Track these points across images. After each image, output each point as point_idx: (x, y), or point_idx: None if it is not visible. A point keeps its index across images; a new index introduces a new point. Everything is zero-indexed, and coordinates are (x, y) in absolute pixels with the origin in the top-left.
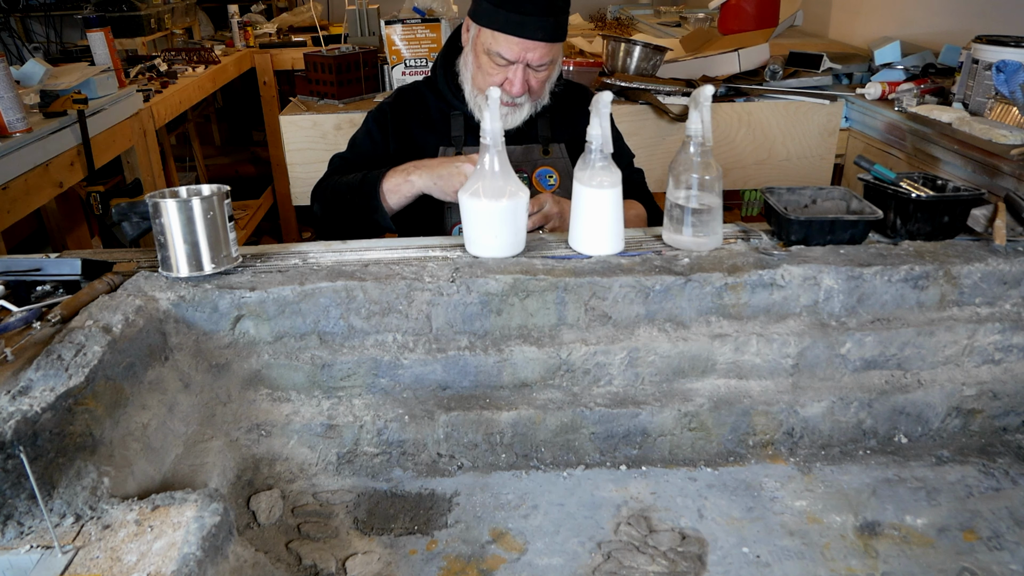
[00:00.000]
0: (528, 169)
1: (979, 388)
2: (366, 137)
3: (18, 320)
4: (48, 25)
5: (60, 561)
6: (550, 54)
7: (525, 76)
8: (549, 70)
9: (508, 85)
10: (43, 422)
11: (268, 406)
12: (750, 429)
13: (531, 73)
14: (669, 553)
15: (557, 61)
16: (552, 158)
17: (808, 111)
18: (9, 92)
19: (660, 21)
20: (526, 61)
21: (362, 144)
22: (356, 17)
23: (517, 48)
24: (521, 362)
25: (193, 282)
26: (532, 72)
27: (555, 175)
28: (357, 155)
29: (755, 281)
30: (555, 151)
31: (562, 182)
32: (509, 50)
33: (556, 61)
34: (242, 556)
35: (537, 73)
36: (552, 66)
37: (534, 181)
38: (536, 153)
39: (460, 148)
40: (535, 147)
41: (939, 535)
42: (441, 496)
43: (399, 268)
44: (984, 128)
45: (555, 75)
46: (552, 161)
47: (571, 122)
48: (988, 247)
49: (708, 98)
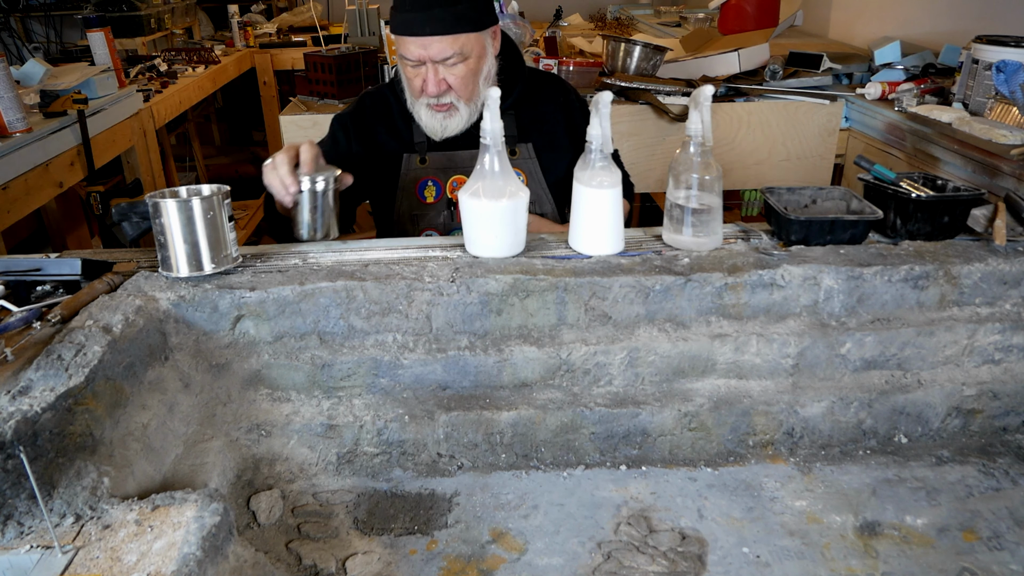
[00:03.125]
0: None
1: (979, 388)
2: (331, 144)
3: (18, 320)
4: (48, 25)
5: (60, 561)
6: (452, 47)
7: (438, 75)
8: (466, 65)
9: (425, 87)
10: (43, 422)
11: (268, 406)
12: (750, 429)
13: (444, 70)
14: (669, 553)
15: (475, 55)
16: (519, 159)
17: (808, 111)
18: (9, 92)
19: (660, 21)
20: (430, 58)
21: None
22: (356, 17)
23: (413, 47)
24: (521, 362)
25: (193, 282)
26: (444, 69)
27: (522, 176)
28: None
29: (755, 281)
30: (522, 151)
31: (529, 183)
32: (408, 51)
33: (471, 54)
34: (242, 556)
35: (450, 69)
36: (466, 60)
37: None
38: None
39: (424, 154)
40: None
41: (939, 535)
42: (441, 496)
43: (399, 268)
44: (984, 128)
45: (485, 70)
46: (519, 162)
47: (540, 119)
48: (988, 247)
49: (708, 98)
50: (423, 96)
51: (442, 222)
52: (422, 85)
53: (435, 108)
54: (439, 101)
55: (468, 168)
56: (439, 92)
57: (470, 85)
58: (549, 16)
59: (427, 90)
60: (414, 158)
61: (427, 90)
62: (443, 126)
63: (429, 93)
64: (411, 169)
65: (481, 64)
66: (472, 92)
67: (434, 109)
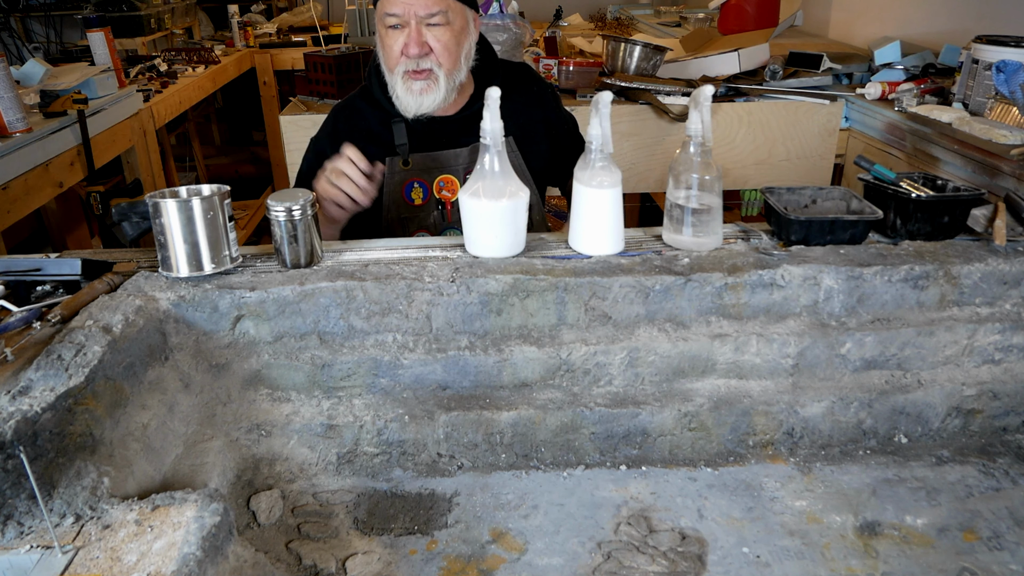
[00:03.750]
0: None
1: (979, 388)
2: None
3: (18, 320)
4: (48, 25)
5: (60, 561)
6: (437, 4)
7: (421, 35)
8: (449, 30)
9: (407, 49)
10: (43, 422)
11: (268, 406)
12: (750, 429)
13: (426, 32)
14: (669, 553)
15: (459, 25)
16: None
17: (808, 111)
18: (9, 92)
19: (660, 21)
20: (415, 16)
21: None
22: (356, 17)
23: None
24: (521, 362)
25: (193, 282)
26: (427, 30)
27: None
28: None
29: (755, 281)
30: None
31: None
32: (394, 5)
33: (455, 22)
34: (242, 556)
35: (433, 31)
36: (450, 25)
37: None
38: None
39: (406, 156)
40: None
41: (939, 535)
42: (441, 496)
43: (399, 268)
44: (984, 128)
45: (466, 47)
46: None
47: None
48: (988, 247)
49: (708, 98)
50: (401, 62)
51: (433, 222)
52: (403, 48)
53: (413, 76)
54: (418, 66)
55: (453, 167)
56: (420, 53)
57: (452, 54)
58: (549, 16)
59: (408, 51)
60: (397, 161)
61: (408, 51)
62: (418, 102)
63: (409, 54)
64: (395, 172)
65: (463, 39)
66: (452, 64)
67: (412, 78)
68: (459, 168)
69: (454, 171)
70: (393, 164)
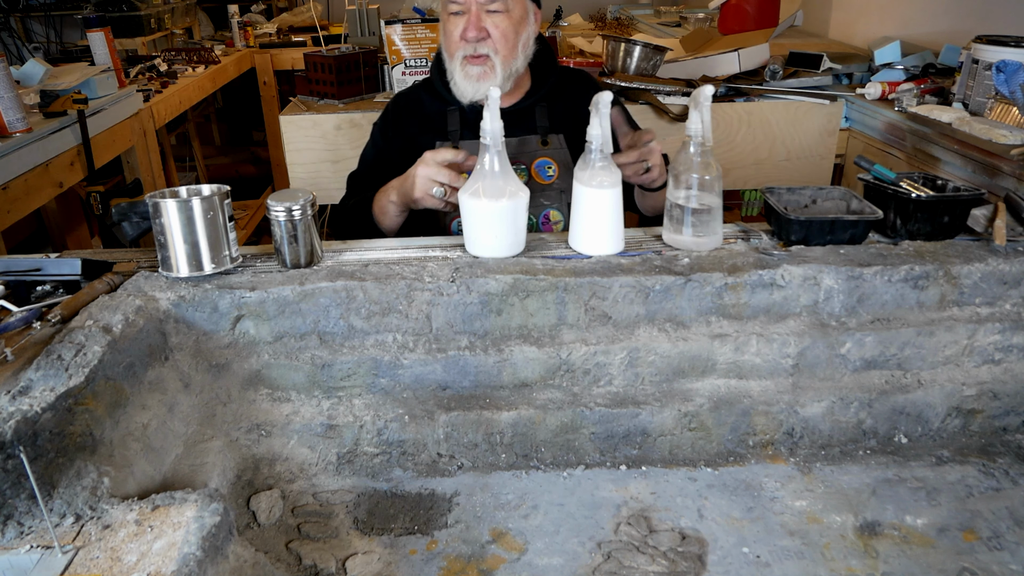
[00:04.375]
0: (526, 161)
1: (979, 388)
2: (372, 148)
3: (18, 320)
4: (48, 25)
5: (60, 561)
6: None
7: (480, 20)
8: (508, 17)
9: (465, 33)
10: (43, 422)
11: (268, 406)
12: (750, 429)
13: (486, 18)
14: (669, 553)
15: (518, 14)
16: (551, 149)
17: (808, 111)
18: (9, 92)
19: (660, 21)
20: (476, 2)
21: (368, 156)
22: (356, 17)
23: None
24: (521, 362)
25: (193, 282)
26: (487, 16)
27: (554, 166)
28: (365, 168)
29: (755, 281)
30: (554, 142)
31: (561, 174)
32: None
33: (514, 10)
34: (242, 556)
35: (492, 17)
36: (508, 13)
37: (532, 173)
38: (534, 144)
39: (456, 142)
40: (532, 138)
41: (939, 535)
42: (441, 496)
43: (399, 268)
44: (984, 128)
45: (524, 37)
46: (551, 152)
47: (571, 111)
48: (988, 247)
49: (708, 98)
50: (461, 47)
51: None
52: (462, 32)
53: (471, 61)
54: (476, 51)
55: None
56: (477, 37)
57: (509, 42)
58: (549, 16)
59: (466, 35)
60: (446, 145)
61: (466, 35)
62: (475, 87)
63: (468, 38)
64: None
65: (521, 28)
66: (509, 52)
67: (470, 63)
68: None
69: None
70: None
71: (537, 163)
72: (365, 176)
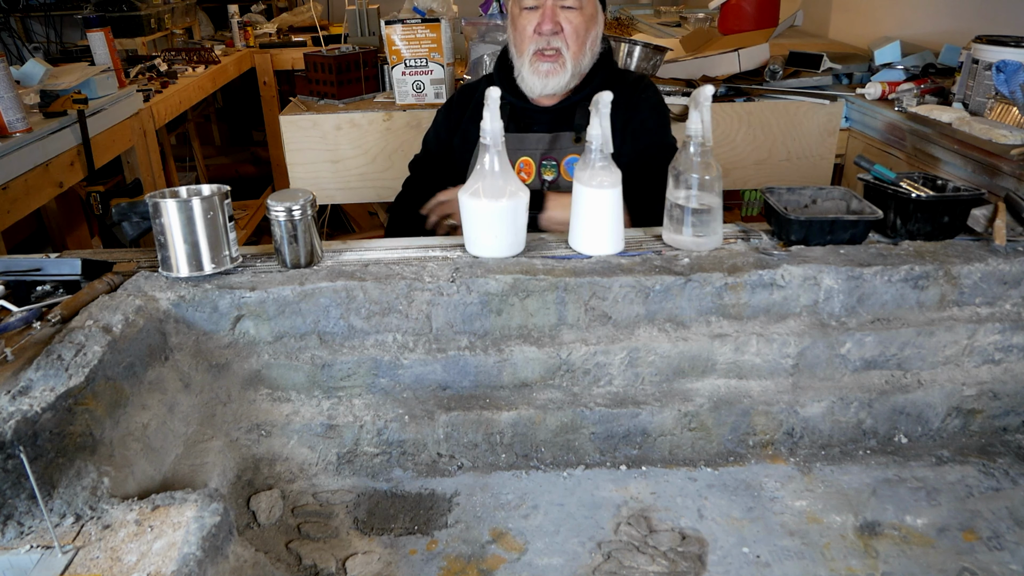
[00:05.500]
0: (557, 157)
1: (979, 388)
2: (433, 133)
3: (18, 320)
4: (48, 25)
5: (60, 561)
6: None
7: (555, 15)
8: (581, 14)
9: (540, 27)
10: (43, 422)
11: (268, 406)
12: (750, 429)
13: (560, 13)
14: (669, 553)
15: (589, 13)
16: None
17: (808, 111)
18: (9, 92)
19: (660, 21)
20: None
21: (429, 142)
22: (356, 17)
23: None
24: (521, 362)
25: (193, 282)
26: (561, 12)
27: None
28: (426, 153)
29: (755, 281)
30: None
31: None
32: None
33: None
34: (242, 556)
35: (566, 13)
36: (582, 10)
37: (562, 170)
38: (567, 141)
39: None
40: (567, 135)
41: (939, 535)
42: (441, 496)
43: (399, 268)
44: (984, 128)
45: (593, 35)
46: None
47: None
48: (988, 247)
49: (708, 98)
50: (533, 40)
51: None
52: (536, 26)
53: (541, 57)
54: (548, 44)
55: (532, 150)
56: (552, 31)
57: (580, 38)
58: None
59: (541, 28)
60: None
61: (541, 28)
62: (543, 83)
63: (542, 32)
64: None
65: (591, 27)
66: (579, 49)
67: (540, 59)
68: (537, 152)
69: (532, 154)
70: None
71: (567, 160)
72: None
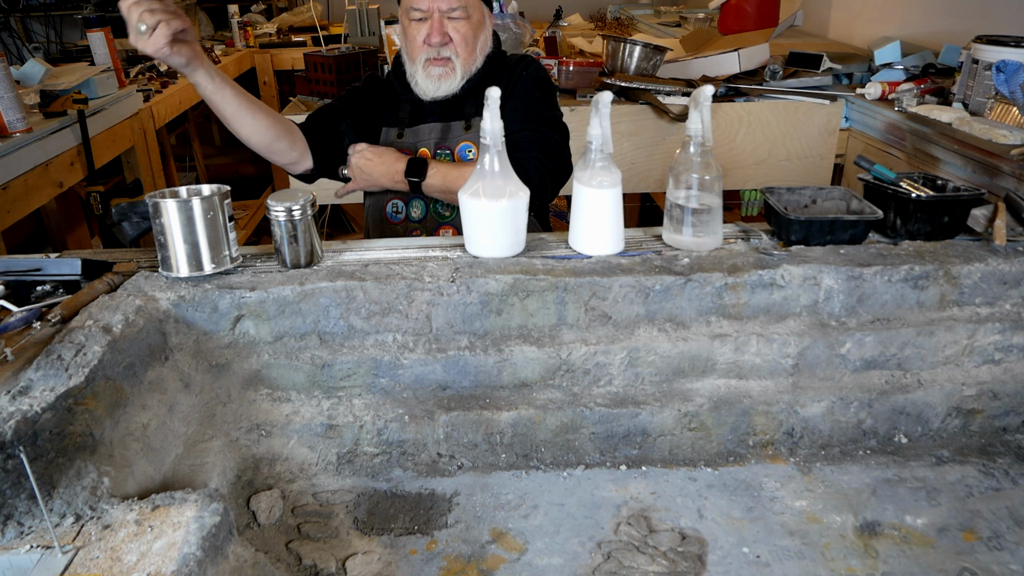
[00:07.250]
0: (451, 145)
1: (979, 388)
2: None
3: (18, 320)
4: (48, 25)
5: (60, 561)
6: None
7: (443, 26)
8: (468, 23)
9: (429, 38)
10: (43, 422)
11: (268, 406)
12: (750, 429)
13: (448, 24)
14: (669, 553)
15: (476, 19)
16: (473, 133)
17: (808, 111)
18: (9, 92)
19: (660, 21)
20: (438, 10)
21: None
22: (356, 17)
23: None
24: (521, 362)
25: (193, 282)
26: (448, 22)
27: (474, 149)
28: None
29: (755, 281)
30: (476, 125)
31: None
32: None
33: (473, 16)
34: (242, 556)
35: (454, 23)
36: (469, 19)
37: (456, 157)
38: (458, 130)
39: (402, 129)
40: (458, 124)
41: (939, 535)
42: (441, 496)
43: (399, 268)
44: (984, 128)
45: (483, 38)
46: (473, 136)
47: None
48: (988, 247)
49: (708, 98)
50: (423, 50)
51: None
52: (425, 37)
53: (433, 63)
54: (439, 54)
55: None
56: (441, 42)
57: (469, 45)
58: (549, 16)
59: (430, 40)
60: (392, 131)
61: (430, 40)
62: (436, 86)
63: (431, 43)
64: (388, 142)
65: (479, 32)
66: (469, 55)
67: (432, 64)
68: (431, 142)
69: (427, 144)
70: (388, 134)
71: (460, 147)
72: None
